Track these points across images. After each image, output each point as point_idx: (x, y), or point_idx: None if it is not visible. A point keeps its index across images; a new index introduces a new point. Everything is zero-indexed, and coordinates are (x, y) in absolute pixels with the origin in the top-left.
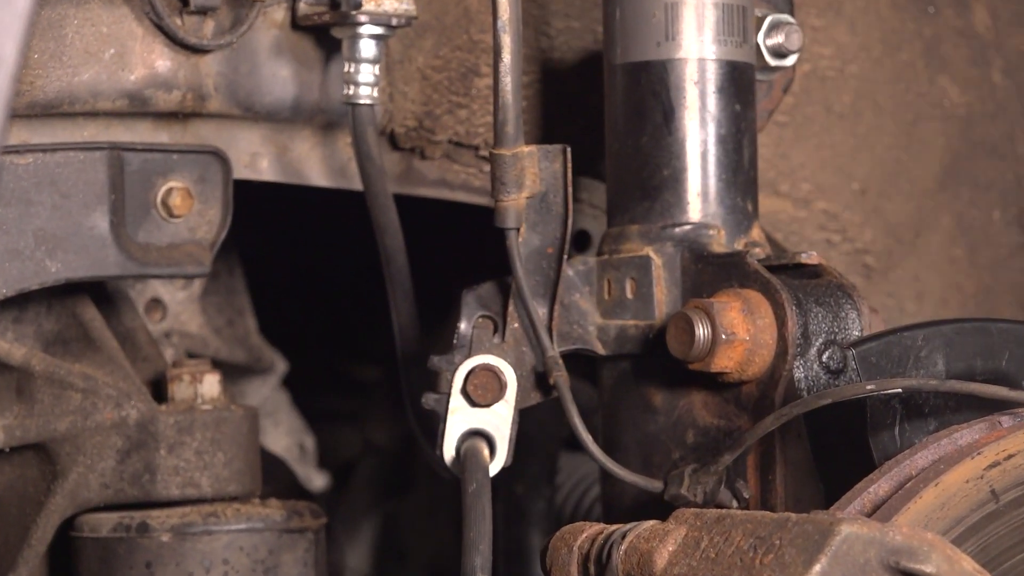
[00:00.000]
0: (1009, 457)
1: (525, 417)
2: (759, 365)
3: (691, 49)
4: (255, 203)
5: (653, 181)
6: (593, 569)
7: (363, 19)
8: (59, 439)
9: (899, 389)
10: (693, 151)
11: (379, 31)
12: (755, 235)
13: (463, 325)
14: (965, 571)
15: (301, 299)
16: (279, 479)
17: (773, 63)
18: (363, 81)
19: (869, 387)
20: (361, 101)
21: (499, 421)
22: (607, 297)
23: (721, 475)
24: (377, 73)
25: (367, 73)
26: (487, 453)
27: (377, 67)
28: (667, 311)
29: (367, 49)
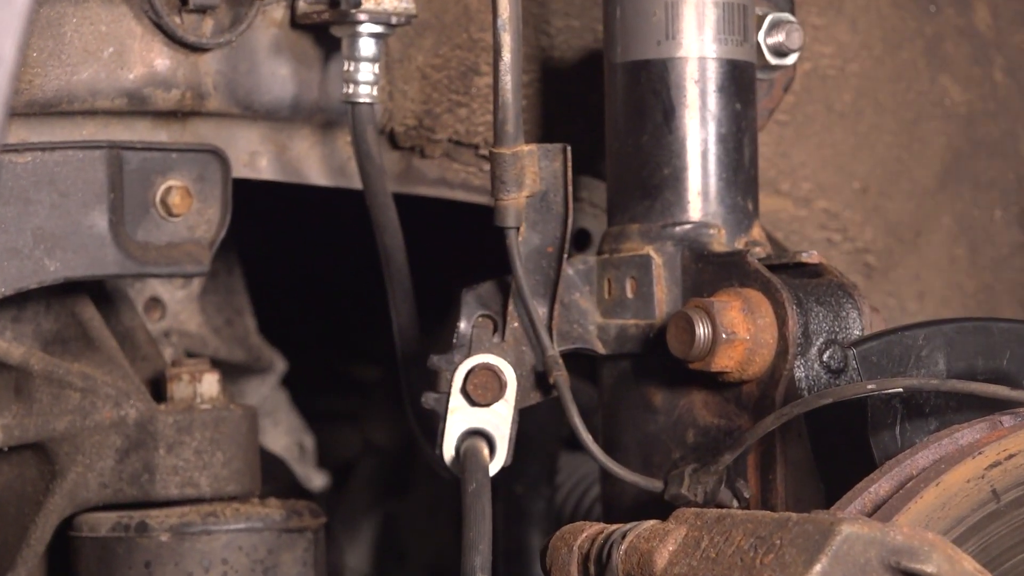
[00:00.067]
0: (1010, 457)
1: (525, 417)
2: (760, 364)
3: (691, 48)
4: (254, 202)
5: (653, 180)
6: (593, 569)
7: (363, 17)
8: (58, 438)
9: (900, 388)
10: (693, 150)
11: (379, 29)
12: (756, 234)
13: (463, 324)
14: (966, 571)
15: (300, 298)
16: (278, 479)
17: (774, 62)
18: (363, 80)
19: (870, 386)
20: (361, 100)
21: (499, 421)
22: (607, 296)
23: (721, 475)
24: (377, 72)
25: (367, 72)
26: (487, 453)
27: (377, 66)
28: (667, 310)
29: (367, 48)
